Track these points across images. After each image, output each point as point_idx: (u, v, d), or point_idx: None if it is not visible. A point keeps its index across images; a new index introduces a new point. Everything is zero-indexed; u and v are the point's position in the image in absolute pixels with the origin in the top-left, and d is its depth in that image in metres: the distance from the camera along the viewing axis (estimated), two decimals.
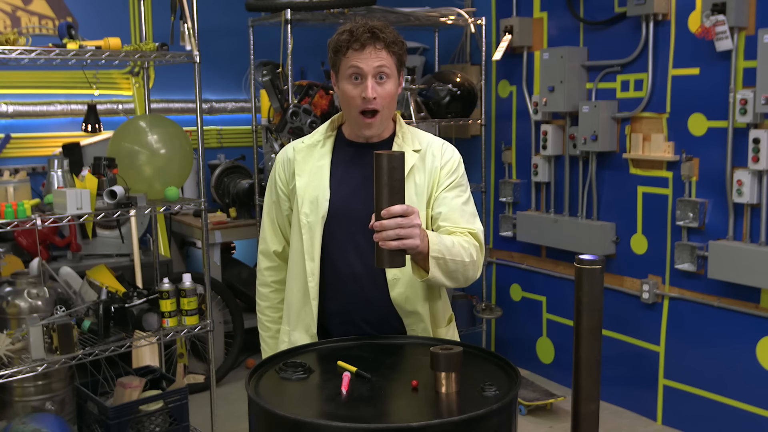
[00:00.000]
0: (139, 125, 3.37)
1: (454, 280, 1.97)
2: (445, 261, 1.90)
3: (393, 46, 2.01)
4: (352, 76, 2.00)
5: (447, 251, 1.90)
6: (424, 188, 2.07)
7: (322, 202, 2.06)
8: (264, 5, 3.99)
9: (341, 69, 2.03)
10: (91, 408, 3.18)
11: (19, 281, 3.21)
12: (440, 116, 4.40)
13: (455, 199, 2.07)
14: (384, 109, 2.03)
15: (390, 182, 1.76)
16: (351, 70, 2.00)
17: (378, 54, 1.98)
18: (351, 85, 2.01)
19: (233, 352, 4.56)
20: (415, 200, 2.05)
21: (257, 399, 1.64)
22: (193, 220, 4.61)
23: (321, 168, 2.10)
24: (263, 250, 2.25)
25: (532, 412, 4.06)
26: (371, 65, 1.98)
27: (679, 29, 3.65)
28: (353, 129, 2.10)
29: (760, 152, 3.25)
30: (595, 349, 1.65)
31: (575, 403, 1.68)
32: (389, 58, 2.01)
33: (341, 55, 2.01)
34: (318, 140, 2.14)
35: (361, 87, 2.00)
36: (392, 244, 1.77)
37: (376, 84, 2.00)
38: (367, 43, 1.98)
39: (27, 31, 4.43)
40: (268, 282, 2.25)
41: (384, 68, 1.99)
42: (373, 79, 1.99)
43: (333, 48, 2.03)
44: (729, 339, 3.55)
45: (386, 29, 2.01)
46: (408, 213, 1.77)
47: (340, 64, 2.03)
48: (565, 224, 4.21)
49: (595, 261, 1.63)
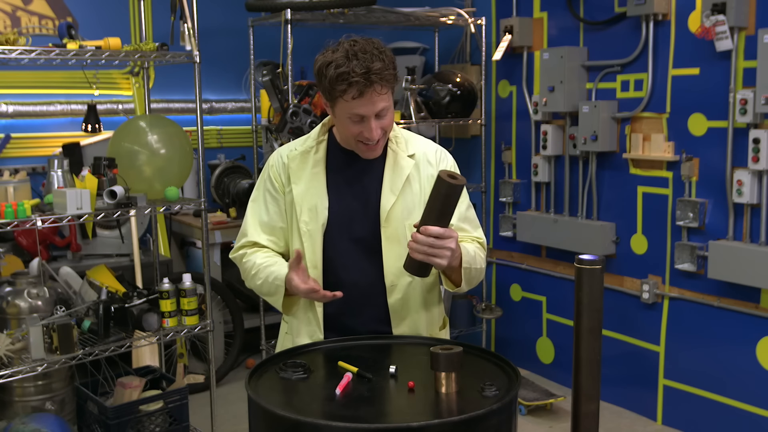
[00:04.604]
0: (139, 125, 3.37)
1: (470, 286, 2.07)
2: (470, 270, 2.01)
3: (391, 79, 1.91)
4: (352, 118, 1.94)
5: (472, 260, 2.01)
6: (420, 196, 2.07)
7: (321, 210, 2.05)
8: (264, 5, 3.99)
9: (338, 108, 1.94)
10: (91, 408, 3.18)
11: (19, 281, 3.21)
12: (440, 116, 4.40)
13: (460, 208, 2.08)
14: (385, 136, 2.01)
15: (441, 207, 1.86)
16: (352, 116, 1.93)
17: (379, 98, 1.91)
18: (351, 124, 1.95)
19: (233, 352, 4.56)
20: (411, 209, 2.06)
21: (257, 399, 1.64)
22: (193, 220, 4.61)
23: (316, 175, 2.08)
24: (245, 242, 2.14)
25: (532, 412, 4.06)
26: (373, 110, 1.91)
27: (679, 29, 3.65)
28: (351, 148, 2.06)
29: (760, 152, 3.25)
30: (595, 349, 1.65)
31: (575, 403, 1.69)
32: (388, 94, 1.94)
33: (336, 97, 1.91)
34: (311, 146, 2.11)
35: (362, 126, 1.94)
36: (419, 257, 1.87)
37: (377, 121, 1.94)
38: (367, 91, 1.88)
39: (27, 31, 4.43)
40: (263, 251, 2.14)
41: (385, 107, 1.93)
42: (375, 119, 1.94)
43: (327, 88, 1.91)
44: (729, 339, 3.55)
45: (384, 69, 1.88)
46: (444, 236, 1.85)
47: (337, 104, 1.93)
48: (565, 224, 4.21)
49: (595, 261, 1.63)
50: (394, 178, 2.07)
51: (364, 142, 1.98)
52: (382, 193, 2.06)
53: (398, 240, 2.05)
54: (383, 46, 1.93)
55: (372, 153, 2.03)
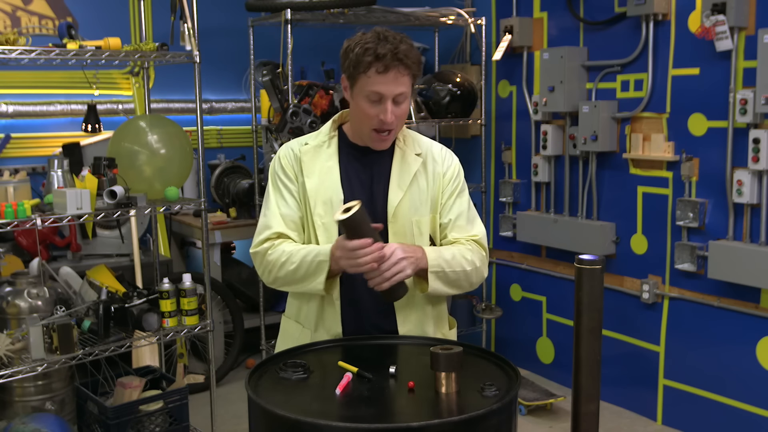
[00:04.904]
0: (139, 125, 3.37)
1: (459, 288, 2.08)
2: (445, 273, 2.02)
3: (414, 68, 1.98)
4: (370, 97, 1.98)
5: (446, 264, 2.03)
6: (427, 193, 2.11)
7: (336, 203, 2.05)
8: (264, 5, 3.99)
9: (359, 86, 1.99)
10: (91, 408, 3.18)
11: (19, 281, 3.21)
12: (440, 116, 4.40)
13: (461, 207, 2.14)
14: (397, 127, 2.05)
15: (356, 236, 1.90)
16: (371, 93, 1.97)
17: (401, 80, 1.96)
18: (368, 104, 1.99)
19: (233, 352, 4.56)
20: (419, 205, 2.09)
21: (257, 399, 1.64)
22: (193, 220, 4.60)
23: (330, 168, 2.10)
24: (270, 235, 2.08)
25: (532, 412, 4.06)
26: (393, 91, 1.96)
27: (679, 29, 3.65)
28: (362, 139, 2.09)
29: (760, 152, 3.25)
30: (595, 349, 1.66)
31: (575, 403, 1.69)
32: (409, 81, 1.99)
33: (361, 72, 1.96)
34: (323, 141, 2.13)
35: (378, 108, 1.98)
36: (385, 285, 1.92)
37: (394, 107, 1.98)
38: (391, 68, 1.94)
39: (27, 31, 4.43)
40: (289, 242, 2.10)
41: (404, 93, 1.98)
42: (392, 102, 1.97)
43: (353, 62, 1.97)
44: (729, 339, 3.55)
45: (410, 53, 1.96)
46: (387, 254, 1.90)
47: (359, 81, 1.98)
48: (565, 224, 4.21)
49: (595, 261, 1.63)
50: (402, 174, 2.09)
51: (377, 129, 2.01)
52: (389, 189, 2.08)
53: (405, 236, 2.07)
54: (411, 41, 2.01)
55: (383, 144, 2.06)
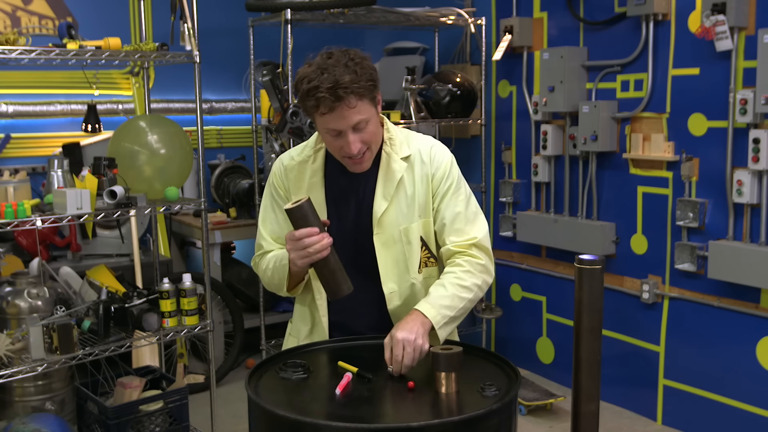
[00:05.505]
0: (139, 125, 3.37)
1: (468, 312, 2.03)
2: (451, 318, 1.95)
3: (363, 91, 1.85)
4: (329, 132, 1.92)
5: (448, 309, 1.94)
6: (414, 199, 2.04)
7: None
8: (264, 5, 3.99)
9: (316, 122, 1.92)
10: (91, 408, 3.18)
11: (19, 281, 3.21)
12: (440, 116, 4.40)
13: (457, 206, 2.06)
14: (371, 147, 1.98)
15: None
16: (329, 130, 1.91)
17: (351, 111, 1.85)
18: (330, 138, 1.93)
19: (233, 352, 4.56)
20: (406, 212, 2.03)
21: (257, 399, 1.64)
22: (193, 220, 4.60)
23: (315, 185, 2.07)
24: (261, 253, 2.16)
25: (532, 412, 4.06)
26: (348, 123, 1.87)
27: (679, 29, 3.65)
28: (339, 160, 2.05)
29: (760, 152, 3.25)
30: (595, 349, 1.66)
31: (575, 403, 1.69)
32: (364, 104, 1.87)
33: (311, 113, 1.90)
34: (308, 155, 2.10)
35: (341, 141, 1.91)
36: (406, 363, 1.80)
37: (356, 135, 1.90)
38: (336, 107, 1.83)
39: (27, 31, 4.43)
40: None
41: (361, 120, 1.89)
42: (353, 133, 1.90)
43: (302, 101, 1.89)
44: (729, 339, 3.55)
45: (357, 80, 1.83)
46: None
47: (314, 118, 1.92)
48: (565, 224, 4.21)
49: (595, 261, 1.63)
50: (386, 183, 2.04)
51: (348, 157, 1.96)
52: (374, 200, 2.04)
53: (393, 245, 2.03)
54: (360, 56, 1.88)
55: (358, 167, 2.01)
